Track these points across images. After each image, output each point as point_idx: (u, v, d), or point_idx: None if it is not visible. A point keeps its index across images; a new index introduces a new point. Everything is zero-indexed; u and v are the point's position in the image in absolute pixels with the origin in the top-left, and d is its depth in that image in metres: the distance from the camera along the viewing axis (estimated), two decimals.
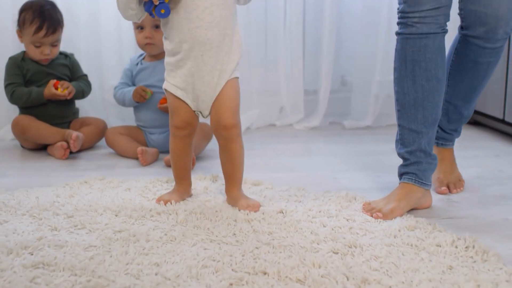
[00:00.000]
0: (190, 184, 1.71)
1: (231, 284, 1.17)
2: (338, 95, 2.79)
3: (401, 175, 1.65)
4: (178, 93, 1.59)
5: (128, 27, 2.49)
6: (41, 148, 2.29)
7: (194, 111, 1.62)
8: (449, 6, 1.58)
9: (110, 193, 1.72)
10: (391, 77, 2.69)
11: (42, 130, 2.21)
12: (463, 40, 1.71)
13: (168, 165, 2.06)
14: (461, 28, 1.70)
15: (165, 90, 1.61)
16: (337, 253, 1.32)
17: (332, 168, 2.06)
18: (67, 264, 1.25)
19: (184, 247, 1.35)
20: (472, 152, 2.24)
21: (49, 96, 2.22)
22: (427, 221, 1.49)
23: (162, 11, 1.51)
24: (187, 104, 1.60)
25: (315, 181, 1.89)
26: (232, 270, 1.23)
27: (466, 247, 1.35)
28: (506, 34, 1.66)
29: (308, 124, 2.70)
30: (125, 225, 1.47)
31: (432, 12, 1.55)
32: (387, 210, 1.54)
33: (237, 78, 1.60)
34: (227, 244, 1.37)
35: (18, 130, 2.24)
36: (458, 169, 1.85)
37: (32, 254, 1.30)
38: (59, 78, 2.29)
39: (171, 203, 1.60)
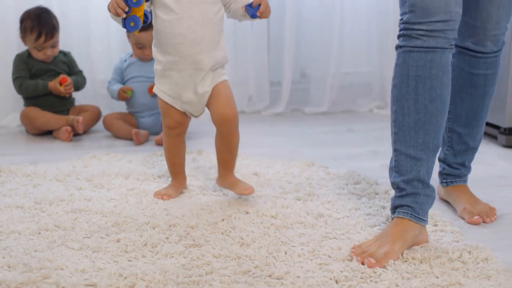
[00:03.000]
0: (184, 178, 1.83)
1: (223, 220, 1.59)
2: (298, 86, 3.22)
3: (395, 208, 1.46)
4: (167, 99, 1.70)
5: (116, 29, 2.89)
6: (45, 133, 2.66)
7: (184, 112, 1.73)
8: (458, 20, 1.42)
9: (117, 164, 2.12)
10: (344, 69, 3.21)
11: (49, 118, 2.59)
12: (457, 52, 1.62)
13: (158, 144, 2.46)
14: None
15: (156, 93, 1.73)
16: (299, 199, 1.76)
17: (295, 143, 2.50)
18: (97, 210, 1.66)
19: (184, 199, 1.77)
20: None
21: (52, 88, 2.59)
22: (371, 179, 1.93)
23: (132, 24, 1.51)
24: (174, 107, 1.71)
25: (281, 153, 2.32)
26: (222, 210, 1.66)
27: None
28: (496, 47, 1.59)
29: (273, 110, 3.13)
30: (135, 185, 1.88)
31: (441, 25, 1.39)
32: (381, 255, 1.35)
33: (226, 80, 1.70)
34: (216, 196, 1.79)
35: (27, 120, 2.60)
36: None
37: (68, 205, 1.70)
38: (59, 74, 2.66)
39: (167, 199, 1.74)
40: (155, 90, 1.72)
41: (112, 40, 2.97)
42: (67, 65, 2.72)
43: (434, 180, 1.58)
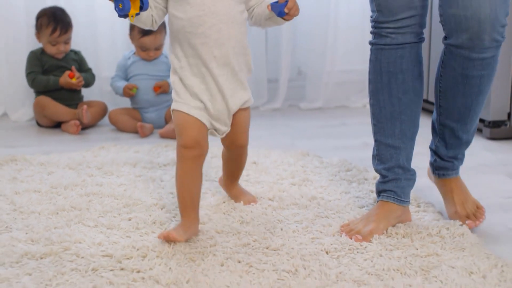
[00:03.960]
0: (197, 219, 1.50)
1: (224, 202, 1.74)
2: (295, 83, 3.37)
3: (379, 192, 1.59)
4: (193, 112, 1.46)
5: (120, 27, 3.03)
6: (55, 126, 2.80)
7: (207, 129, 1.50)
8: (425, 14, 1.47)
9: (124, 154, 2.26)
10: (338, 67, 3.35)
11: (59, 108, 2.73)
12: (448, 51, 1.52)
13: (162, 137, 2.60)
14: (444, 37, 1.51)
15: (173, 110, 1.48)
16: (295, 184, 1.91)
17: (291, 136, 2.65)
18: (109, 193, 1.80)
19: None
20: None
21: (63, 84, 2.74)
22: (362, 167, 2.08)
23: (120, 6, 1.33)
24: (199, 120, 1.47)
25: (278, 145, 2.47)
26: (223, 194, 1.80)
27: None
28: (495, 42, 1.43)
29: (271, 106, 3.27)
30: (143, 172, 2.03)
31: (407, 21, 1.45)
32: (366, 232, 1.47)
33: (249, 107, 1.56)
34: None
35: (39, 107, 2.74)
36: (471, 195, 1.66)
37: (81, 189, 1.85)
38: (71, 70, 2.80)
39: (174, 242, 1.43)
40: (174, 107, 1.47)
41: (117, 38, 3.11)
42: (77, 63, 2.86)
43: (417, 165, 1.72)
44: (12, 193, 1.80)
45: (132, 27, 2.75)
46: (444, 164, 1.66)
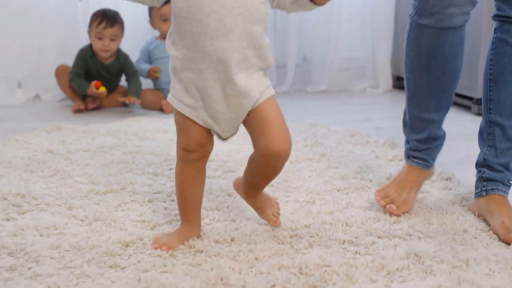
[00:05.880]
0: (198, 222, 1.37)
1: None
2: (301, 68, 3.67)
3: (408, 156, 1.59)
4: (186, 111, 1.26)
5: (142, 14, 3.33)
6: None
7: (209, 129, 1.30)
8: None
9: (154, 124, 2.56)
10: (341, 54, 3.66)
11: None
12: (500, 27, 1.43)
13: None
14: (495, 13, 1.43)
15: (171, 103, 1.29)
16: (307, 146, 2.21)
17: (299, 114, 2.96)
18: (149, 152, 2.10)
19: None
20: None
21: (90, 93, 2.91)
22: (365, 133, 2.38)
23: None
24: (194, 121, 1.27)
25: (288, 120, 2.76)
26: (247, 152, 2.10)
27: (383, 142, 2.26)
28: None
29: (279, 89, 3.57)
30: (174, 137, 2.31)
31: (459, 0, 1.31)
32: (400, 202, 1.50)
33: (273, 95, 1.27)
34: (236, 144, 2.24)
35: (60, 72, 3.00)
36: None
37: (124, 149, 2.15)
38: (105, 78, 2.97)
39: (166, 251, 1.29)
40: (169, 99, 1.29)
41: (140, 25, 3.42)
42: (120, 67, 3.00)
43: None
44: (65, 151, 2.10)
45: (151, 14, 3.06)
46: (494, 175, 1.48)
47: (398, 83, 3.64)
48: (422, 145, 1.55)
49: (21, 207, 1.56)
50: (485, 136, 1.50)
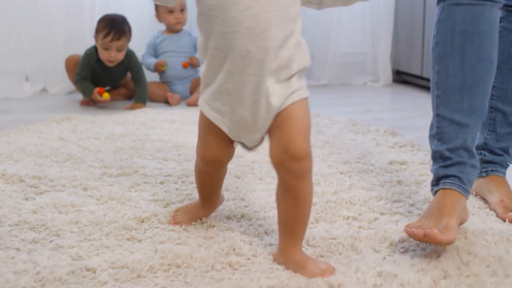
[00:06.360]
0: (217, 202, 1.41)
1: None
2: None
3: (438, 178, 1.33)
4: (211, 115, 1.19)
5: (147, 11, 3.40)
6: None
7: (232, 141, 1.23)
8: None
9: (161, 115, 2.63)
10: (342, 50, 3.74)
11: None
12: (506, 14, 1.46)
13: (190, 105, 2.97)
14: (505, 0, 1.43)
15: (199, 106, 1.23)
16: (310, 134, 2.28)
17: None
18: (157, 139, 2.17)
19: None
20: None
21: (94, 99, 2.90)
22: (365, 123, 2.46)
23: None
24: (221, 130, 1.20)
25: None
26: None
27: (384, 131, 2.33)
28: None
29: None
30: (181, 127, 2.40)
31: None
32: (442, 228, 1.21)
33: (306, 98, 1.20)
34: None
35: (70, 65, 3.05)
36: None
37: (133, 137, 2.22)
38: (111, 78, 3.00)
39: (180, 225, 1.36)
40: (199, 102, 1.23)
41: (144, 22, 3.49)
42: (125, 67, 2.99)
43: None
44: (76, 139, 2.17)
45: (157, 7, 3.14)
46: (494, 158, 1.52)
47: (398, 77, 3.71)
48: (455, 156, 1.30)
49: (38, 188, 1.63)
50: (486, 121, 1.53)
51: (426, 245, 1.28)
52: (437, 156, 1.34)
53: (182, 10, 3.11)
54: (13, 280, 1.11)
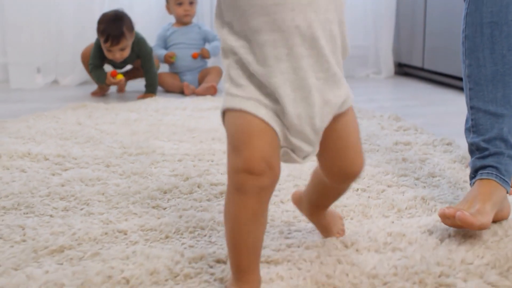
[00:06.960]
0: (258, 281, 0.97)
1: None
2: None
3: (476, 170, 1.31)
4: (262, 112, 0.90)
5: (155, 4, 3.50)
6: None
7: (280, 146, 0.94)
8: None
9: (173, 103, 2.73)
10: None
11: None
12: None
13: (199, 95, 3.06)
14: None
15: (227, 110, 0.93)
16: None
17: None
18: (171, 124, 2.27)
19: None
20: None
21: (108, 83, 2.97)
22: (369, 110, 2.55)
23: None
24: (272, 128, 0.91)
25: None
26: None
27: (388, 116, 2.43)
28: None
29: None
30: (192, 113, 2.50)
31: None
32: (474, 211, 1.18)
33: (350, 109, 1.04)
34: None
35: (86, 58, 3.12)
36: None
37: (148, 122, 2.31)
38: (123, 64, 3.06)
39: None
40: (229, 105, 0.92)
41: (153, 15, 3.58)
42: (135, 54, 3.02)
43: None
44: (93, 124, 2.27)
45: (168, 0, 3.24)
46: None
47: (399, 69, 3.81)
48: (491, 147, 1.30)
49: (63, 165, 1.72)
50: None
51: (431, 211, 1.37)
52: (473, 149, 1.34)
53: (191, 2, 3.21)
54: (52, 240, 1.21)
